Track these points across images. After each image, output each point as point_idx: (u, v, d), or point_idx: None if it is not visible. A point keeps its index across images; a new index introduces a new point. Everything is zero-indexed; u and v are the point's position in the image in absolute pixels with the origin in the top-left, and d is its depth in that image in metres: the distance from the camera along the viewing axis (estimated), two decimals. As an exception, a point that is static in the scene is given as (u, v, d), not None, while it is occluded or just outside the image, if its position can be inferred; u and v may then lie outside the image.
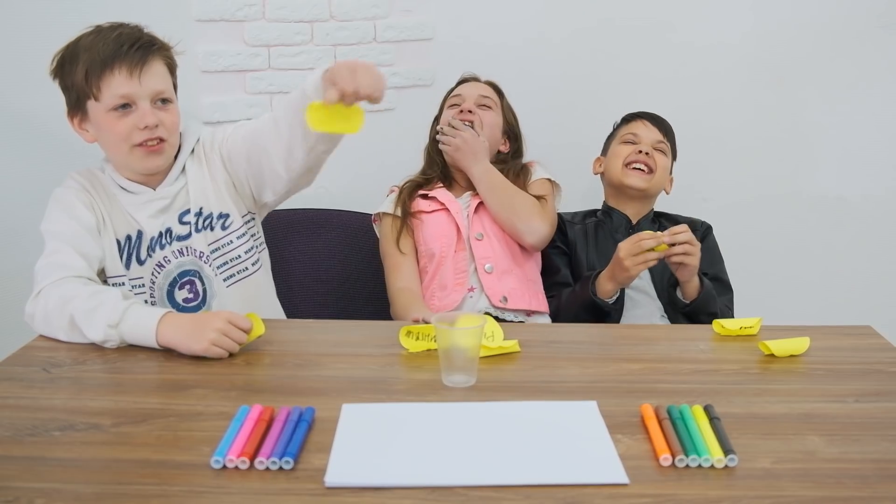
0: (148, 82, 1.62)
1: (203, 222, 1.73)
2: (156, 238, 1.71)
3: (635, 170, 2.09)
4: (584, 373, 1.43)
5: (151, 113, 1.62)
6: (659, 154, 2.10)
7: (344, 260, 2.23)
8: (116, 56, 1.59)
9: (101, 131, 1.65)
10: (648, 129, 2.13)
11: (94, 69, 1.59)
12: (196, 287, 1.74)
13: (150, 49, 1.63)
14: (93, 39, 1.62)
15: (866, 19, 2.49)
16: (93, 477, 1.08)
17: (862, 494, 1.06)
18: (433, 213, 2.11)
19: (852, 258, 2.63)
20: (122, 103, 1.61)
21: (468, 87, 2.22)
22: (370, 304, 2.20)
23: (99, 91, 1.60)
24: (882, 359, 1.49)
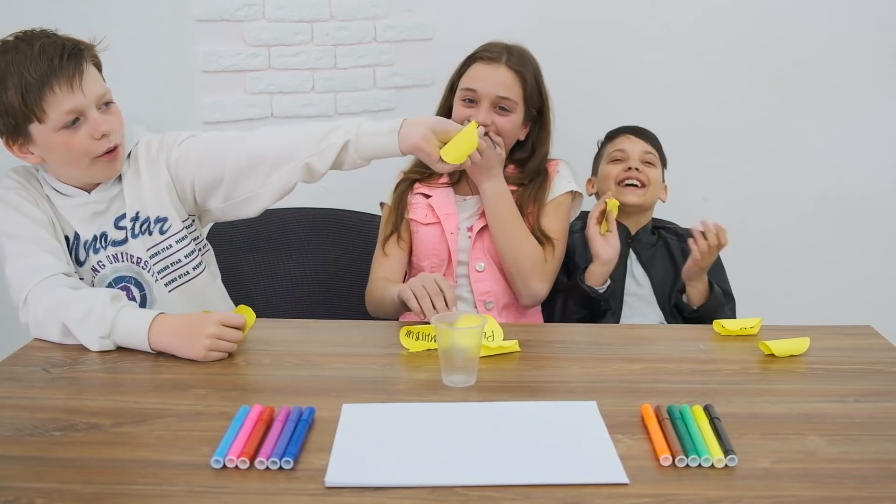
0: (90, 89, 1.54)
1: (140, 227, 1.68)
2: (90, 242, 1.66)
3: (628, 186, 2.02)
4: (584, 373, 1.43)
5: (102, 120, 1.56)
6: (649, 167, 2.05)
7: (344, 260, 2.22)
8: (51, 72, 1.50)
9: (52, 151, 1.57)
10: (634, 143, 2.06)
11: (30, 91, 1.50)
12: (132, 293, 1.69)
13: (80, 56, 1.55)
14: (13, 58, 1.52)
15: (866, 19, 2.49)
16: (93, 477, 1.08)
17: (862, 494, 1.06)
18: (428, 225, 1.96)
19: (852, 258, 2.63)
20: (71, 119, 1.54)
21: (485, 79, 1.90)
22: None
23: (43, 112, 1.52)
24: (882, 359, 1.49)
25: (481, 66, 1.92)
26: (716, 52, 2.54)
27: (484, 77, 1.90)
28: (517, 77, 1.91)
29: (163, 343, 1.45)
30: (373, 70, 2.48)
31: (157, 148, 1.71)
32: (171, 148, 1.70)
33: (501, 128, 1.90)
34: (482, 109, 1.89)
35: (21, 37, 1.56)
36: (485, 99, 1.89)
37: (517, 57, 1.92)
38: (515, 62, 1.91)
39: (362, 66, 2.46)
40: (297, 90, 2.41)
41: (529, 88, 1.92)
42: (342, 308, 2.20)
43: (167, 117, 1.85)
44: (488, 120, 1.88)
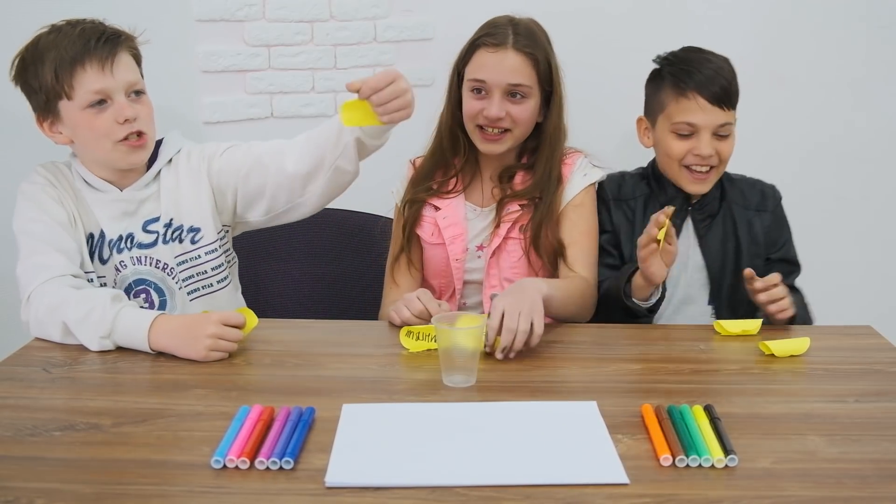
0: (120, 75, 1.59)
1: (172, 234, 1.70)
2: (114, 241, 1.67)
3: (695, 173, 1.75)
4: (584, 373, 1.43)
5: (128, 106, 1.60)
6: (723, 141, 1.73)
7: (344, 259, 2.22)
8: (85, 51, 1.56)
9: (77, 130, 1.62)
10: (707, 113, 1.70)
11: (63, 67, 1.56)
12: (151, 297, 1.70)
13: (117, 41, 1.60)
14: (55, 38, 1.59)
15: (866, 19, 2.48)
16: (93, 477, 1.08)
17: (862, 494, 1.06)
18: (434, 245, 1.86)
19: (852, 258, 2.62)
20: (97, 99, 1.58)
21: (493, 67, 1.75)
22: (370, 304, 2.19)
23: (72, 89, 1.57)
24: (882, 359, 1.49)
25: (487, 53, 1.76)
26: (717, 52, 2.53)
27: (491, 65, 1.75)
28: (528, 59, 1.75)
29: (162, 343, 1.45)
30: (373, 70, 2.47)
31: (199, 158, 1.74)
32: (212, 158, 1.74)
33: (517, 117, 1.77)
34: (494, 100, 1.75)
35: (70, 21, 1.62)
36: (495, 89, 1.75)
37: (525, 36, 1.77)
38: (524, 43, 1.75)
39: (362, 66, 2.46)
40: (297, 90, 2.41)
41: (543, 68, 1.77)
42: (342, 308, 2.20)
43: (167, 117, 1.85)
44: (502, 112, 1.75)
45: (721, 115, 1.72)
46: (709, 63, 1.75)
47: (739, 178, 1.88)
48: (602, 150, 1.96)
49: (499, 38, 1.76)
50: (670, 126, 1.74)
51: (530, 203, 1.82)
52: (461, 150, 1.87)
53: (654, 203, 1.82)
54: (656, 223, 1.56)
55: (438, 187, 1.87)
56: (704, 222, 1.81)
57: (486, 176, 1.89)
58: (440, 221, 1.85)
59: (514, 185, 1.84)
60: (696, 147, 1.72)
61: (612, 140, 2.39)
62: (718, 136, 1.73)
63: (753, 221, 1.81)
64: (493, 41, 1.76)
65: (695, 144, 1.72)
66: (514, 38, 1.76)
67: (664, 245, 1.59)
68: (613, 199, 1.85)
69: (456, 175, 1.88)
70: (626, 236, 1.82)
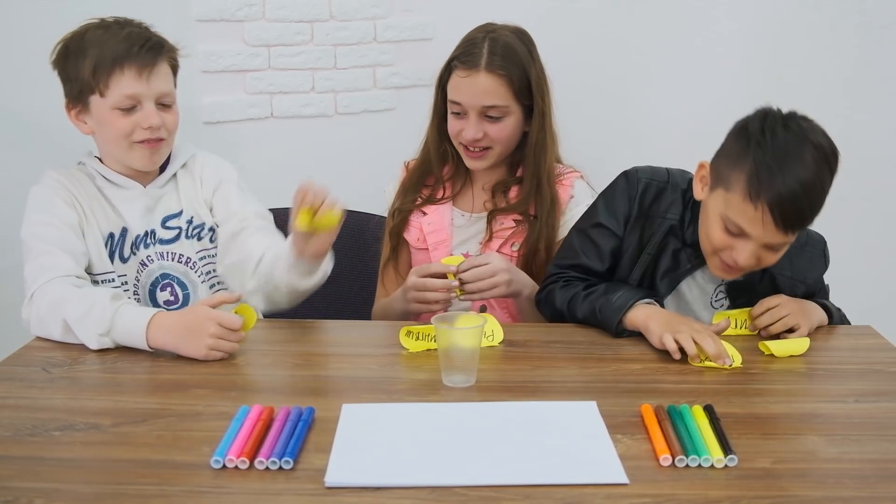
0: (155, 84, 1.63)
1: (193, 230, 1.75)
2: (141, 236, 1.71)
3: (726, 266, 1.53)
4: (584, 373, 1.43)
5: (155, 114, 1.63)
6: (771, 254, 1.50)
7: (343, 259, 2.21)
8: (127, 56, 1.60)
9: (101, 126, 1.65)
10: (768, 230, 1.43)
11: (102, 66, 1.59)
12: (175, 291, 1.73)
13: (159, 51, 1.65)
14: (101, 35, 1.62)
15: (866, 19, 2.48)
16: (93, 477, 1.08)
17: (862, 494, 1.06)
18: (420, 250, 1.90)
19: (852, 258, 2.62)
20: (129, 104, 1.62)
21: (466, 90, 1.75)
22: (370, 304, 2.19)
23: (106, 88, 1.61)
24: (882, 359, 1.49)
25: (461, 75, 1.75)
26: (716, 52, 2.54)
27: (464, 87, 1.75)
28: (501, 79, 1.73)
29: (161, 341, 1.45)
30: (373, 70, 2.48)
31: (214, 170, 1.79)
32: (220, 184, 1.78)
33: (495, 136, 1.77)
34: (471, 122, 1.76)
35: (119, 20, 1.66)
36: (471, 111, 1.76)
37: (500, 55, 1.74)
38: (498, 63, 1.73)
39: (362, 66, 2.46)
40: (297, 90, 2.41)
41: (519, 85, 1.75)
42: (339, 307, 2.20)
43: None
44: (479, 133, 1.76)
45: (783, 238, 1.46)
46: (801, 169, 1.42)
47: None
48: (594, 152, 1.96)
49: (472, 60, 1.75)
50: (723, 213, 1.48)
51: (524, 220, 1.83)
52: (449, 160, 1.89)
53: (675, 236, 1.63)
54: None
55: (427, 198, 1.91)
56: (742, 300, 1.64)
57: (478, 183, 1.91)
58: (425, 227, 1.89)
59: (509, 200, 1.86)
60: (737, 250, 1.48)
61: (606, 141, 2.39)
62: (769, 248, 1.49)
63: (797, 291, 1.65)
64: (466, 63, 1.75)
65: (738, 247, 1.47)
66: (487, 59, 1.74)
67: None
68: (641, 214, 1.64)
69: (444, 184, 1.91)
70: (631, 257, 1.65)
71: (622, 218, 1.66)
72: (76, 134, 1.71)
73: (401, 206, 1.91)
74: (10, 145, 2.22)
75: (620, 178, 1.70)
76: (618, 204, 1.67)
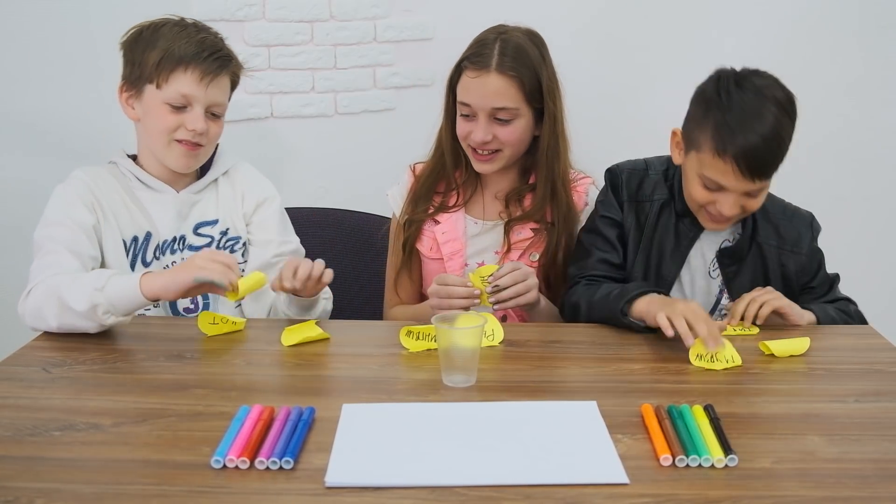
0: (212, 93, 1.66)
1: (226, 242, 1.75)
2: (168, 242, 1.71)
3: (714, 216, 1.64)
4: (584, 373, 1.43)
5: (202, 119, 1.65)
6: (751, 200, 1.60)
7: (343, 260, 2.22)
8: (195, 58, 1.63)
9: (147, 116, 1.67)
10: (739, 181, 1.54)
11: (168, 60, 1.62)
12: (196, 299, 1.74)
13: (226, 63, 1.68)
14: (177, 32, 1.65)
15: (866, 19, 2.49)
16: (93, 477, 1.08)
17: (862, 494, 1.06)
18: (433, 260, 1.87)
19: (853, 258, 2.63)
20: (181, 103, 1.64)
21: (476, 91, 1.73)
22: (370, 304, 2.19)
23: (165, 82, 1.63)
24: (882, 359, 1.49)
25: (471, 76, 1.73)
26: (715, 52, 2.53)
27: (474, 89, 1.73)
28: (512, 81, 1.71)
29: (153, 283, 1.45)
30: (373, 70, 2.48)
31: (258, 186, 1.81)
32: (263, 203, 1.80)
33: (505, 139, 1.75)
34: (480, 124, 1.74)
35: (198, 25, 1.71)
36: (480, 112, 1.73)
37: (511, 56, 1.72)
38: (508, 64, 1.71)
39: (362, 66, 2.46)
40: (297, 90, 2.42)
41: (530, 87, 1.73)
42: (342, 308, 2.20)
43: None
44: (488, 135, 1.73)
45: (754, 185, 1.56)
46: (760, 124, 1.52)
47: (777, 209, 1.74)
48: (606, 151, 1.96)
49: (482, 61, 1.72)
50: (699, 172, 1.59)
51: (542, 229, 1.82)
52: (462, 165, 1.86)
53: (668, 211, 1.73)
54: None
55: (439, 205, 1.87)
56: (732, 267, 1.72)
57: (489, 189, 1.89)
58: (439, 237, 1.86)
59: (524, 208, 1.84)
60: (720, 202, 1.59)
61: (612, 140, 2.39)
62: (748, 195, 1.59)
63: (787, 262, 1.72)
64: (476, 64, 1.73)
65: (720, 200, 1.59)
66: (498, 60, 1.72)
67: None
68: (630, 198, 1.75)
69: (457, 189, 1.87)
70: (634, 241, 1.74)
71: (617, 205, 1.77)
72: (76, 134, 1.71)
73: (413, 215, 1.87)
74: (12, 148, 2.23)
75: (605, 175, 1.82)
76: (610, 197, 1.78)
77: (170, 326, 1.64)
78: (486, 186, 1.89)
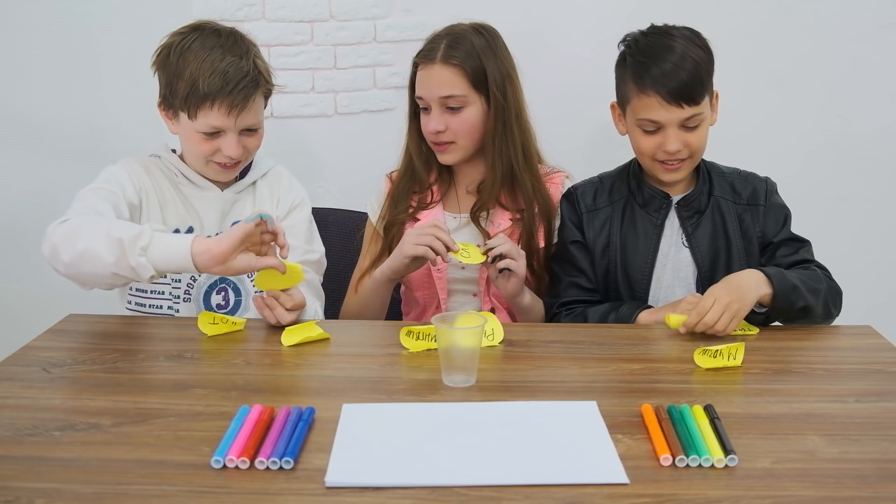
0: (243, 119, 1.65)
1: None
2: None
3: (666, 164, 1.70)
4: (584, 373, 1.43)
5: (236, 145, 1.66)
6: (692, 132, 1.66)
7: (344, 259, 2.22)
8: (220, 92, 1.61)
9: (185, 139, 1.70)
10: (668, 111, 1.63)
11: (194, 96, 1.61)
12: (229, 296, 1.77)
13: (254, 88, 1.65)
14: (203, 59, 1.61)
15: (866, 19, 2.48)
16: (93, 477, 1.08)
17: (862, 494, 1.06)
18: None
19: (852, 258, 2.63)
20: (212, 132, 1.64)
21: (425, 83, 1.82)
22: (370, 304, 2.19)
23: (195, 116, 1.64)
24: (882, 359, 1.49)
25: (421, 70, 1.84)
26: (715, 52, 2.53)
27: (423, 81, 1.83)
28: (456, 70, 1.79)
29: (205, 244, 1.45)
30: (373, 70, 2.48)
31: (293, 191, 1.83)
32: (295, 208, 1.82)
33: (457, 129, 1.82)
34: (434, 115, 1.82)
35: (223, 43, 1.65)
36: (432, 103, 1.82)
37: (456, 47, 1.80)
38: (452, 54, 1.79)
39: (362, 66, 2.46)
40: (297, 90, 2.41)
41: (476, 77, 1.80)
42: (339, 307, 2.20)
43: (167, 117, 1.87)
44: (441, 125, 1.81)
45: (684, 112, 1.64)
46: (670, 53, 1.65)
47: (731, 171, 1.83)
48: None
49: (430, 54, 1.82)
50: (636, 120, 1.69)
51: (517, 217, 1.86)
52: (433, 164, 1.92)
53: (631, 206, 1.79)
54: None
55: (417, 204, 1.92)
56: (692, 219, 1.77)
57: (461, 185, 1.94)
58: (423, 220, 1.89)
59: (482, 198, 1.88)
60: (663, 143, 1.67)
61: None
62: (686, 128, 1.66)
63: (744, 217, 1.77)
64: (424, 58, 1.83)
65: (661, 140, 1.67)
66: (443, 51, 1.80)
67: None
68: (588, 210, 1.82)
69: (431, 188, 1.93)
70: (603, 246, 1.80)
71: (577, 221, 1.83)
72: (76, 135, 1.71)
73: (393, 217, 1.92)
74: (12, 148, 2.23)
75: (561, 202, 1.88)
76: (569, 219, 1.84)
77: (170, 326, 1.64)
78: (459, 182, 1.94)
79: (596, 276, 1.81)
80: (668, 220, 1.78)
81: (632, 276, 1.78)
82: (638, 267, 1.78)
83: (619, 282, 1.79)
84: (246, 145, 1.69)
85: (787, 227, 1.80)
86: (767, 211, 1.79)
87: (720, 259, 1.76)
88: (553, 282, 1.85)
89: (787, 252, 1.76)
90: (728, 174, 1.81)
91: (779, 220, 1.79)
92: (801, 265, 1.73)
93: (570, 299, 1.80)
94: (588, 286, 1.81)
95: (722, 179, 1.80)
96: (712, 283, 1.66)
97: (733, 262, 1.75)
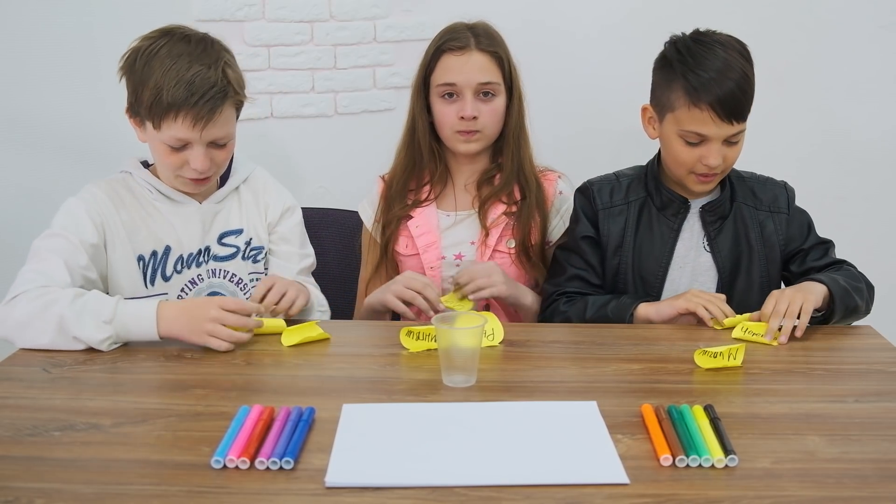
0: (210, 132, 1.57)
1: (250, 252, 1.74)
2: (193, 255, 1.68)
3: (700, 175, 1.69)
4: (584, 373, 1.43)
5: (203, 158, 1.58)
6: (732, 148, 1.67)
7: (344, 259, 2.22)
8: (185, 104, 1.52)
9: (153, 149, 1.63)
10: (719, 126, 1.62)
11: (158, 107, 1.53)
12: None
13: (222, 100, 1.57)
14: (168, 67, 1.53)
15: (866, 19, 2.48)
16: (93, 477, 1.08)
17: (862, 494, 1.06)
18: (409, 256, 1.91)
19: (851, 258, 2.63)
20: (178, 145, 1.58)
21: (461, 69, 1.81)
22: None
23: (159, 127, 1.56)
24: (882, 359, 1.49)
25: (453, 58, 1.82)
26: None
27: (459, 67, 1.81)
28: (493, 58, 1.83)
29: (169, 326, 1.45)
30: (373, 70, 2.48)
31: (280, 197, 1.79)
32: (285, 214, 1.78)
33: (487, 117, 1.83)
34: (467, 101, 1.81)
35: (195, 45, 1.57)
36: (466, 90, 1.81)
37: (486, 37, 1.84)
38: (486, 43, 1.83)
39: (362, 66, 2.46)
40: (296, 90, 2.41)
41: (506, 66, 1.85)
42: (342, 308, 2.20)
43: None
44: (475, 111, 1.81)
45: (732, 128, 1.64)
46: (729, 70, 1.62)
47: (750, 175, 1.82)
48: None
49: (461, 42, 1.83)
50: (679, 131, 1.66)
51: (513, 208, 1.87)
52: (435, 158, 1.92)
53: (648, 208, 1.78)
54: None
55: (412, 202, 1.91)
56: (715, 224, 1.76)
57: (458, 182, 1.94)
58: (413, 231, 1.90)
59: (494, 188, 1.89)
60: (704, 156, 1.65)
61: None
62: (728, 143, 1.66)
63: (766, 223, 1.77)
64: (456, 45, 1.83)
65: (704, 153, 1.65)
66: (475, 40, 1.83)
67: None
68: (604, 207, 1.80)
69: (430, 183, 1.92)
70: (616, 245, 1.79)
71: (592, 217, 1.81)
72: (76, 135, 1.70)
73: (390, 216, 1.92)
74: (12, 148, 2.22)
75: (576, 195, 1.86)
76: (583, 213, 1.82)
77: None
78: (456, 179, 1.94)
79: (604, 273, 1.80)
80: (686, 223, 1.77)
81: (645, 277, 1.77)
82: (651, 269, 1.77)
83: (630, 282, 1.78)
84: (214, 158, 1.61)
85: (813, 233, 1.82)
86: (791, 219, 1.79)
87: (741, 264, 1.76)
88: (556, 270, 1.83)
89: (817, 256, 1.79)
90: (748, 179, 1.81)
91: (803, 226, 1.80)
92: (832, 266, 1.76)
93: (573, 290, 1.79)
94: (594, 282, 1.80)
95: (742, 184, 1.79)
96: (732, 287, 1.72)
97: (754, 268, 1.76)
